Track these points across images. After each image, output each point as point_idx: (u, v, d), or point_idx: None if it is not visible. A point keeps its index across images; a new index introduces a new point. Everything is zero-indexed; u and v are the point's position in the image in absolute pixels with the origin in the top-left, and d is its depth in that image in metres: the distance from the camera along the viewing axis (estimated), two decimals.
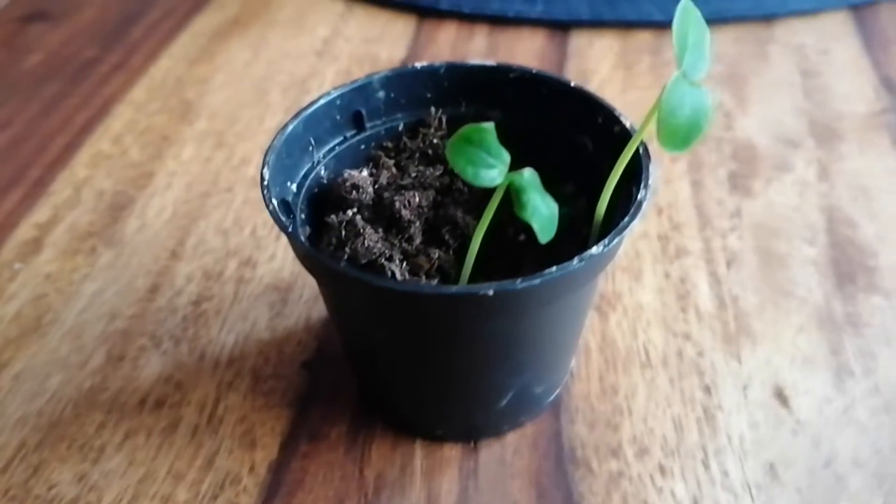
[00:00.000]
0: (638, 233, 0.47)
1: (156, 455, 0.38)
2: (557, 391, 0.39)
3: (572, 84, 0.37)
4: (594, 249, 0.29)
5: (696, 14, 0.29)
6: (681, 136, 0.28)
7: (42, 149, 0.56)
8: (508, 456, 0.37)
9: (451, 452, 0.37)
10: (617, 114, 0.36)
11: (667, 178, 0.51)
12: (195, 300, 0.45)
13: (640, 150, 0.33)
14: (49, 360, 0.42)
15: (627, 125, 0.35)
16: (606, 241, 0.29)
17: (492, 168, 0.27)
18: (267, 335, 0.43)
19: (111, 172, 0.54)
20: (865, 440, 0.37)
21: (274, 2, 0.72)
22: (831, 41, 0.63)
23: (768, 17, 0.66)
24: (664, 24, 0.66)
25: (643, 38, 0.65)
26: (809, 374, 0.40)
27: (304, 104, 0.37)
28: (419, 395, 0.36)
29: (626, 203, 0.32)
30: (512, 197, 0.28)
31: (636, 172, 0.32)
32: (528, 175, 0.28)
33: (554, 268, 0.29)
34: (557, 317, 0.33)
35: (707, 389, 0.39)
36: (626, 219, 0.30)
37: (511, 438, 0.38)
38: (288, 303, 0.44)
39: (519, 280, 0.28)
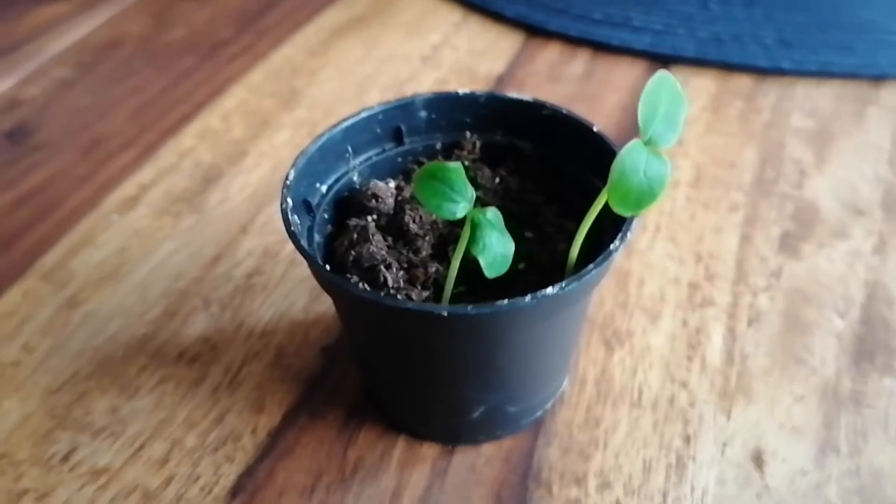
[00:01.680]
0: (669, 277, 0.48)
1: (179, 402, 0.43)
2: (539, 413, 0.41)
3: (595, 129, 0.39)
4: (548, 290, 0.31)
5: (673, 85, 0.30)
6: (632, 200, 0.29)
7: (162, 116, 0.63)
8: (480, 464, 0.40)
9: (429, 451, 0.40)
10: None
11: (717, 227, 0.52)
12: (249, 273, 0.50)
13: None
14: (116, 306, 0.48)
15: None
16: (563, 283, 0.32)
17: (455, 203, 0.30)
18: (300, 316, 0.47)
19: (213, 146, 0.60)
20: None
21: (398, 4, 0.76)
22: None
23: (877, 78, 0.64)
24: (766, 71, 0.65)
25: (742, 82, 0.65)
26: (794, 443, 0.40)
27: None
28: (401, 395, 0.40)
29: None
30: (470, 231, 0.31)
31: (616, 223, 0.34)
32: (490, 214, 0.31)
33: (505, 300, 0.31)
34: (522, 345, 0.35)
35: (687, 439, 0.40)
36: (591, 266, 0.32)
37: (487, 449, 0.40)
38: None
39: (471, 306, 0.31)
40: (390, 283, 0.36)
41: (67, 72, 0.69)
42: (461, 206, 0.30)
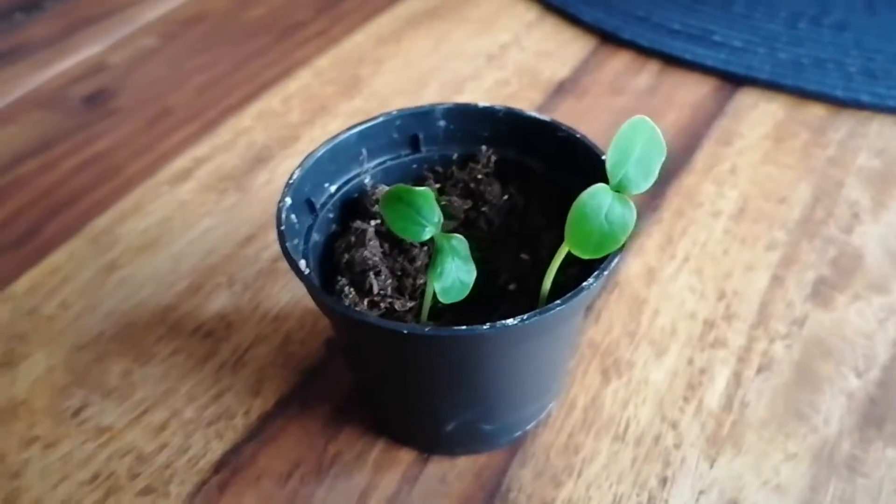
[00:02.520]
0: (686, 311, 0.47)
1: (185, 375, 0.45)
2: (518, 433, 0.41)
3: (602, 157, 0.39)
4: (509, 321, 0.31)
5: (650, 130, 0.29)
6: (592, 244, 0.29)
7: (227, 94, 0.65)
8: (451, 476, 0.40)
9: (405, 457, 0.41)
10: None
11: (749, 265, 0.50)
12: (275, 257, 0.52)
13: None
14: (150, 275, 0.51)
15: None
16: (525, 316, 0.31)
17: (421, 227, 0.30)
18: (313, 305, 0.48)
19: (268, 128, 0.62)
20: None
21: None
22: None
23: None
24: (843, 102, 0.62)
25: (814, 111, 0.62)
26: (773, 502, 0.39)
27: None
28: (382, 398, 0.41)
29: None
30: (431, 256, 0.31)
31: (599, 260, 0.34)
32: (455, 241, 0.31)
33: (464, 326, 0.31)
34: (492, 368, 0.35)
35: (664, 481, 0.40)
36: (558, 301, 0.32)
37: (462, 462, 0.41)
38: None
39: (428, 328, 0.31)
40: (375, 289, 0.37)
41: (153, 41, 0.72)
42: (427, 230, 0.31)
